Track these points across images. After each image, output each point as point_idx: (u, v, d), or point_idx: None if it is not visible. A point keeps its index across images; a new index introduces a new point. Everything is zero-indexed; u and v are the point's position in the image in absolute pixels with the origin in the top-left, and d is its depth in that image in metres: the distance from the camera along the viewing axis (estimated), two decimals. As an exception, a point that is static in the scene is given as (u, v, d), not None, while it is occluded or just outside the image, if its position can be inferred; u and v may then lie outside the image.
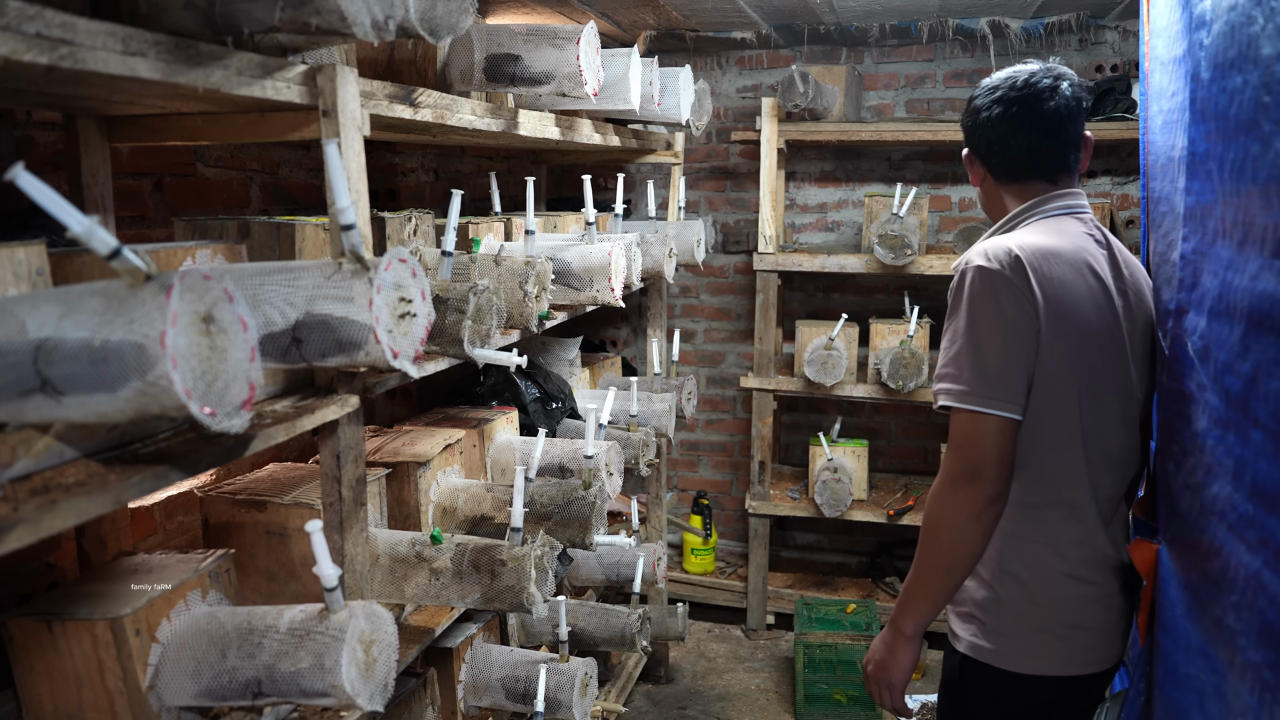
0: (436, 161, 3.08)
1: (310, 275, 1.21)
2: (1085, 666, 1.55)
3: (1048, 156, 1.60)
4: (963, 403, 1.46)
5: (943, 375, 1.51)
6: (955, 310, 1.52)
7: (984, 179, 1.69)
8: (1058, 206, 1.60)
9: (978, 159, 1.68)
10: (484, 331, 1.64)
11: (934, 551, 1.51)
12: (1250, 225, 1.04)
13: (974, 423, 1.46)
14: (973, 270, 1.49)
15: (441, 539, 1.68)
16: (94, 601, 1.25)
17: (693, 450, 4.27)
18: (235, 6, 1.20)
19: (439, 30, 1.33)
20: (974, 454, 1.45)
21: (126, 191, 1.84)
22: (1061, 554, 1.52)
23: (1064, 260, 1.50)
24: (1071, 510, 1.52)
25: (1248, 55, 1.04)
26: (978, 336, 1.47)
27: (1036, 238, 1.52)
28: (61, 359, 0.88)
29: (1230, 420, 1.11)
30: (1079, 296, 1.49)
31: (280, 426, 1.28)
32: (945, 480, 1.49)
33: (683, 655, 3.61)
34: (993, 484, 1.46)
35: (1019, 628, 1.54)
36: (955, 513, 1.48)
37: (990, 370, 1.45)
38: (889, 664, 1.61)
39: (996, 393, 1.45)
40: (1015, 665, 1.55)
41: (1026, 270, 1.46)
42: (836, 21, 3.55)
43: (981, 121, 1.63)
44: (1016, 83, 1.59)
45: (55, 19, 0.93)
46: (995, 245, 1.50)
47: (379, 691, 1.30)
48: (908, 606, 1.57)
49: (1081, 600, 1.53)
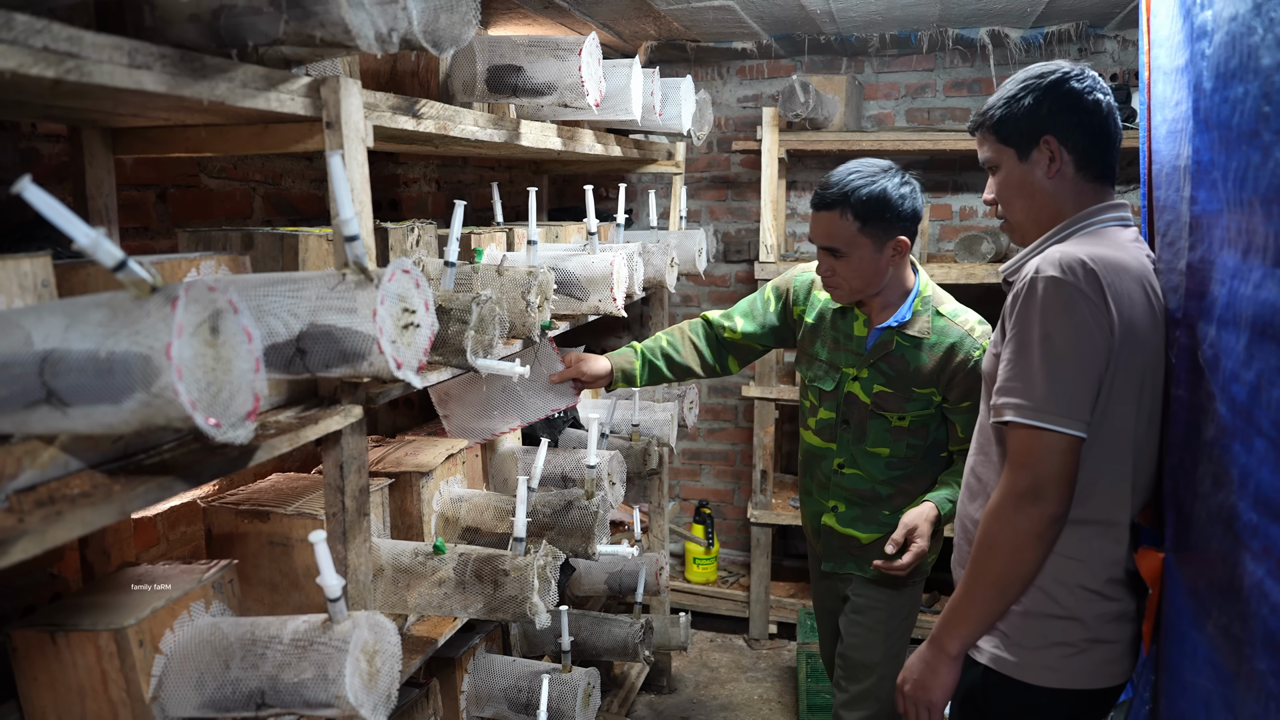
0: (439, 172, 3.09)
1: (314, 286, 1.21)
2: (1104, 680, 1.53)
3: (1117, 159, 1.56)
4: (1031, 419, 1.41)
5: (1008, 389, 1.45)
6: (1025, 322, 1.43)
7: (1059, 170, 1.54)
8: (1113, 217, 1.54)
9: (1066, 145, 1.53)
10: (487, 342, 1.64)
11: (990, 571, 1.47)
12: (1253, 234, 1.04)
13: (1041, 440, 1.40)
14: (1045, 281, 1.41)
15: (444, 549, 1.67)
16: (98, 612, 1.25)
17: (695, 459, 4.27)
18: (240, 19, 1.20)
19: (442, 42, 1.34)
20: (1040, 472, 1.40)
21: (130, 203, 1.85)
22: (1091, 570, 1.49)
23: (1131, 276, 1.44)
24: (1110, 528, 1.48)
25: (1248, 65, 1.05)
26: (1051, 350, 1.40)
27: (1103, 250, 1.45)
28: (67, 370, 0.88)
29: (1235, 429, 1.11)
30: (1144, 314, 1.44)
31: (284, 437, 1.28)
32: (1007, 498, 1.44)
33: (685, 665, 3.60)
34: (1057, 504, 1.41)
35: (1042, 641, 1.51)
36: (1016, 532, 1.43)
37: (1062, 386, 1.39)
38: (930, 684, 1.57)
39: (1067, 410, 1.39)
40: (1036, 679, 1.51)
41: (1101, 284, 1.40)
42: (837, 31, 3.56)
43: (1088, 104, 1.52)
44: (1096, 75, 1.54)
45: (62, 33, 0.93)
46: (1067, 256, 1.42)
47: (382, 702, 1.30)
48: (955, 625, 1.53)
49: (1105, 615, 1.50)
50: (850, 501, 2.21)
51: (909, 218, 2.02)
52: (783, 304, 2.30)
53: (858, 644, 2.21)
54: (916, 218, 2.05)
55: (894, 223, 2.00)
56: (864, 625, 2.21)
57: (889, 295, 2.09)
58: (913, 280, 2.11)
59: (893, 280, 2.07)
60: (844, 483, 2.20)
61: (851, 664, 2.22)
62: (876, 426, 2.13)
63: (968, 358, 2.02)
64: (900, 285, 2.09)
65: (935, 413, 2.11)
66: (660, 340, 2.35)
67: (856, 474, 2.18)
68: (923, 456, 2.15)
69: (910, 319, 2.07)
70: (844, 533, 2.22)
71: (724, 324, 2.35)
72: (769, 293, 2.33)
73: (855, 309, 2.15)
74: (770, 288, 2.33)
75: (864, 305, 2.13)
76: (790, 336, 2.33)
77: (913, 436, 2.12)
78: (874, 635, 2.19)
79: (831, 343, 2.18)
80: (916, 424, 2.11)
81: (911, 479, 2.16)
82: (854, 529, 2.21)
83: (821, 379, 2.20)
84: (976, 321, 2.08)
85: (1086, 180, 1.55)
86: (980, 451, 1.61)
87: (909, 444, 2.13)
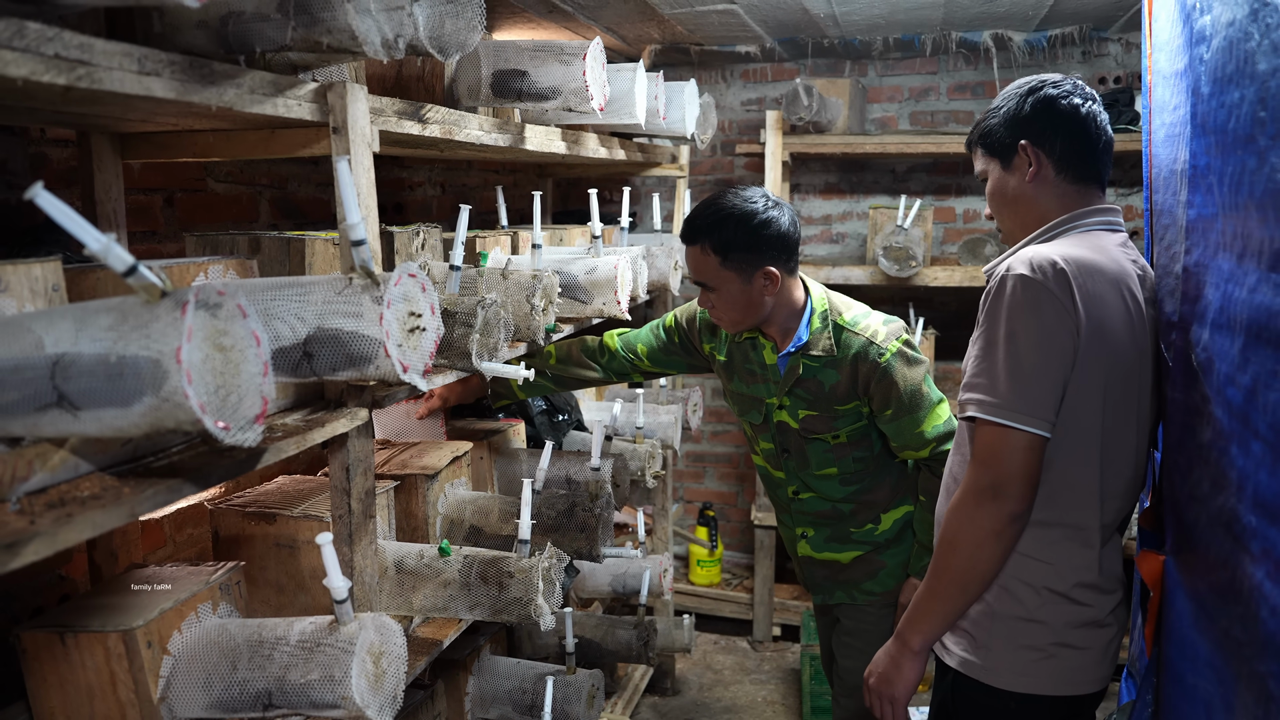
0: (443, 175, 3.10)
1: (321, 290, 1.23)
2: (1076, 687, 1.51)
3: (1107, 164, 1.57)
4: (994, 415, 1.41)
5: (974, 385, 1.45)
6: (993, 319, 1.45)
7: (1038, 174, 1.56)
8: (1099, 221, 1.54)
9: (1042, 149, 1.55)
10: (492, 345, 1.65)
11: (950, 567, 1.48)
12: (1248, 238, 1.05)
13: (1003, 437, 1.41)
14: (1014, 279, 1.42)
15: (449, 551, 1.68)
16: (106, 614, 1.26)
17: (698, 462, 4.28)
18: (248, 26, 1.22)
19: (448, 48, 1.35)
20: (1001, 469, 1.41)
21: (138, 207, 1.86)
22: (1059, 574, 1.49)
23: (1106, 278, 1.44)
24: (1077, 532, 1.48)
25: (1244, 71, 1.06)
26: (1016, 348, 1.41)
27: (1079, 251, 1.45)
28: (78, 374, 0.90)
29: (1232, 432, 1.12)
30: (1117, 317, 1.43)
31: (291, 440, 1.30)
32: (968, 494, 1.45)
33: (689, 667, 3.60)
34: (1017, 501, 1.41)
35: (1009, 644, 1.50)
36: (976, 529, 1.44)
37: (1026, 384, 1.40)
38: (893, 678, 1.58)
39: (1030, 408, 1.39)
40: (1005, 683, 1.51)
41: (1071, 284, 1.40)
42: (840, 35, 3.57)
43: (1063, 108, 1.53)
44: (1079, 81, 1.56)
45: (73, 40, 0.95)
46: (1039, 255, 1.43)
47: (388, 703, 1.31)
48: (917, 621, 1.54)
49: (1073, 621, 1.49)
50: (816, 524, 2.17)
51: (775, 244, 1.94)
52: (684, 336, 2.26)
53: (851, 666, 2.19)
54: (786, 243, 1.96)
55: (758, 253, 1.92)
56: (855, 647, 2.19)
57: (782, 321, 2.03)
58: (803, 299, 2.04)
59: (779, 306, 2.00)
60: (804, 508, 2.17)
61: (847, 685, 2.21)
62: (816, 449, 2.08)
63: (874, 365, 1.95)
64: (790, 308, 2.02)
65: (869, 423, 2.06)
66: (549, 357, 2.32)
67: (813, 497, 2.14)
68: (874, 467, 2.10)
69: (809, 339, 2.01)
70: (822, 559, 2.18)
71: (629, 351, 2.32)
72: (670, 321, 2.29)
73: (761, 338, 2.09)
74: (670, 318, 2.30)
75: (766, 333, 2.07)
76: (701, 364, 2.29)
77: (856, 450, 2.08)
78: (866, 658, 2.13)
79: (748, 375, 2.13)
80: (855, 437, 2.06)
81: (870, 490, 2.12)
82: (830, 552, 2.16)
83: (749, 413, 2.16)
84: (881, 323, 2.01)
85: (1069, 183, 1.55)
86: (957, 450, 1.61)
87: (855, 458, 2.07)
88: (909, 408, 1.96)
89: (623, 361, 2.34)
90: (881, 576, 2.15)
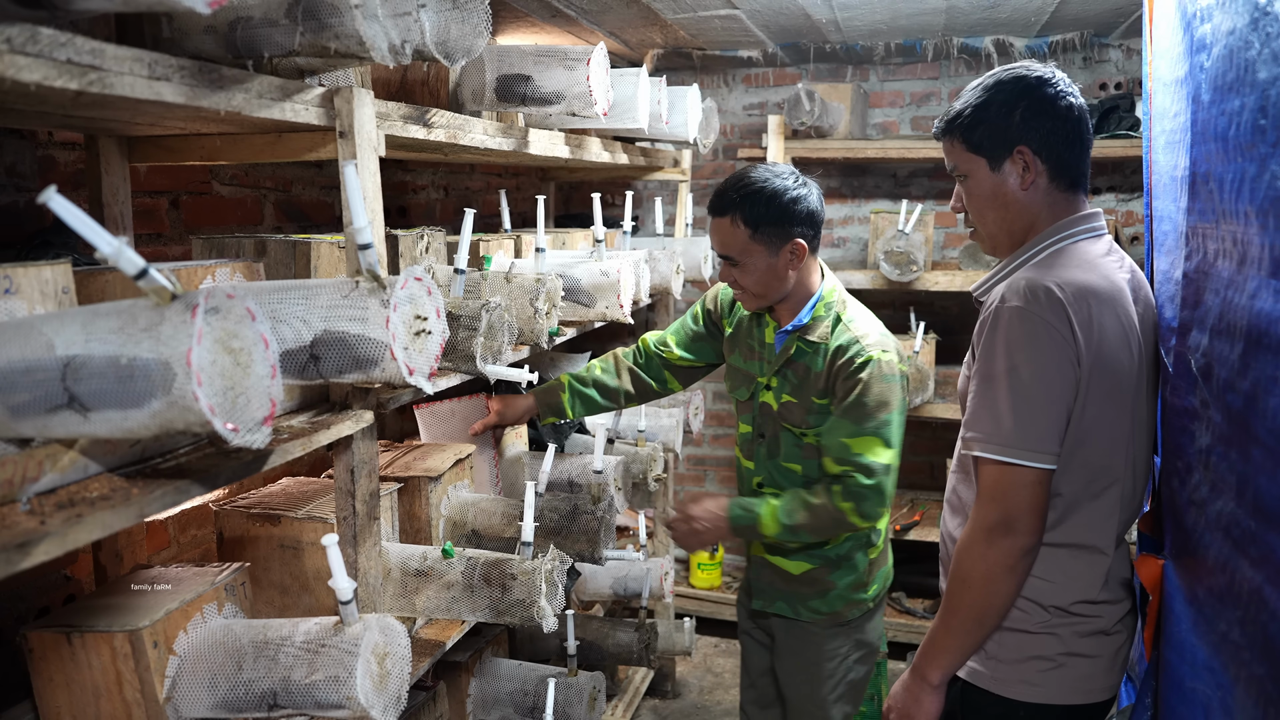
0: (447, 179, 3.11)
1: (327, 293, 1.24)
2: (1086, 696, 1.51)
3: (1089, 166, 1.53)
4: (999, 455, 1.39)
5: (976, 423, 1.43)
6: (990, 352, 1.42)
7: (1033, 182, 1.49)
8: (1084, 230, 1.50)
9: (1040, 157, 1.48)
10: (496, 348, 1.66)
11: (966, 604, 1.47)
12: (1249, 245, 1.06)
13: (1009, 474, 1.39)
14: (1010, 311, 1.39)
15: (453, 553, 1.69)
16: (112, 614, 1.27)
17: (700, 465, 4.29)
18: (256, 31, 1.23)
19: (454, 53, 1.36)
20: (1009, 506, 1.39)
21: (144, 209, 1.87)
22: (1066, 588, 1.48)
23: (1101, 299, 1.41)
24: (1086, 552, 1.48)
25: (1245, 79, 1.07)
26: (1017, 382, 1.38)
27: (1071, 273, 1.42)
28: (89, 376, 0.91)
29: (1232, 437, 1.13)
30: (1116, 340, 1.41)
31: (297, 441, 1.30)
32: (977, 531, 1.43)
33: (689, 670, 3.61)
34: (1028, 535, 1.40)
35: (1019, 654, 1.50)
36: (988, 565, 1.42)
37: (1029, 418, 1.38)
38: (914, 713, 1.56)
39: (1034, 443, 1.38)
40: (1015, 693, 1.51)
41: (1067, 311, 1.37)
42: (842, 40, 3.59)
43: (1062, 111, 1.46)
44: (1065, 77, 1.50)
45: (85, 46, 0.96)
46: (1032, 283, 1.39)
47: (392, 704, 1.32)
48: (934, 655, 1.52)
49: (1081, 630, 1.49)
50: None
51: (805, 220, 1.97)
52: (708, 318, 2.26)
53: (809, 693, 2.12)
54: (814, 220, 1.99)
55: (788, 226, 1.95)
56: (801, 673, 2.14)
57: (795, 300, 2.03)
58: (818, 284, 2.05)
59: (798, 285, 2.01)
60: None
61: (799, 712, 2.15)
62: (787, 439, 2.06)
63: (850, 360, 1.92)
64: (805, 289, 2.03)
65: None
66: (594, 369, 2.32)
67: (775, 493, 2.07)
68: None
69: (809, 323, 2.01)
70: (774, 562, 2.12)
71: (660, 345, 2.32)
72: (698, 308, 2.29)
73: (767, 315, 2.10)
74: (700, 302, 2.30)
75: (774, 312, 2.08)
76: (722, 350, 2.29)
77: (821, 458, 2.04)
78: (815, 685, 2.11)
79: (746, 350, 2.13)
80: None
81: None
82: (781, 557, 2.11)
83: (738, 388, 2.15)
84: (879, 334, 1.98)
85: (1060, 190, 1.51)
86: (960, 469, 1.60)
87: (819, 465, 2.03)
88: (855, 415, 1.91)
89: (655, 360, 2.33)
90: (830, 598, 2.09)
